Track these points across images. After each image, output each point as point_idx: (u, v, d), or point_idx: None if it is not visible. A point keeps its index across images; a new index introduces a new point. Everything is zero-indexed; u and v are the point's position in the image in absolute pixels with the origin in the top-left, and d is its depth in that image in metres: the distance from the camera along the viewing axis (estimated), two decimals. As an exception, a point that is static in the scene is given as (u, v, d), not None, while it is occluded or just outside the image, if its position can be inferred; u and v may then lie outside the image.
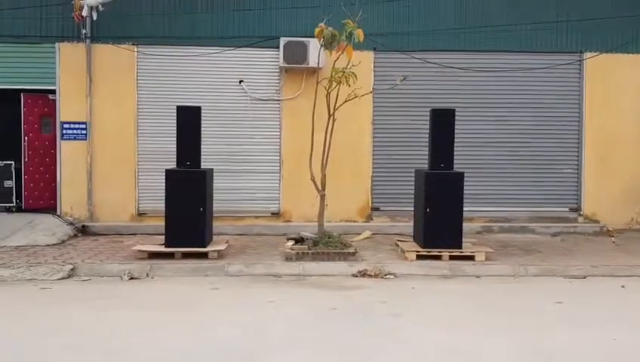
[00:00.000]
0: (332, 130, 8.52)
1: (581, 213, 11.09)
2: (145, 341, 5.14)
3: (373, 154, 10.96)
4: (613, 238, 10.25)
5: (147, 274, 7.67)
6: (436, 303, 6.50)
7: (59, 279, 7.47)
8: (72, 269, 7.72)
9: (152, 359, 4.75)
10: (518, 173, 11.15)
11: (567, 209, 11.18)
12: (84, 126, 10.63)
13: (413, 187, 9.31)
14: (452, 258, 8.25)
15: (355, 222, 10.85)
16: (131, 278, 7.52)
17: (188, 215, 8.26)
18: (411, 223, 9.41)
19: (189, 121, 8.47)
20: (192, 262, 8.00)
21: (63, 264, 7.84)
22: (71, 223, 10.32)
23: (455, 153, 8.86)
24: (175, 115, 8.53)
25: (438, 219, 8.40)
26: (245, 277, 7.63)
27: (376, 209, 11.02)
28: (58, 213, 10.65)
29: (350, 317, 5.87)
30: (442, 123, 8.58)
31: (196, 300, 6.54)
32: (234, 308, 6.26)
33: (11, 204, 11.05)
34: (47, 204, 10.99)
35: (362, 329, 5.49)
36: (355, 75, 8.11)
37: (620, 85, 11.01)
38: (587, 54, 10.96)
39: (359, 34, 7.80)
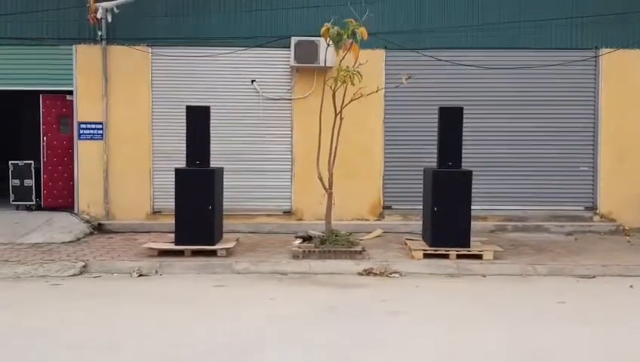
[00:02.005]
0: (339, 128, 8.57)
1: (597, 211, 10.92)
2: (141, 335, 5.26)
3: (385, 153, 10.95)
4: (628, 238, 10.08)
5: (156, 272, 7.83)
6: (437, 302, 6.50)
7: (70, 276, 7.66)
8: (83, 266, 7.91)
9: (144, 354, 4.86)
10: (533, 172, 11.02)
11: (582, 208, 11.02)
12: (100, 126, 10.86)
13: (423, 185, 9.31)
14: (459, 257, 8.22)
15: (366, 220, 10.87)
16: (140, 275, 7.68)
17: (197, 213, 8.39)
18: (422, 222, 9.40)
19: (198, 120, 8.60)
20: (201, 260, 8.13)
21: (75, 261, 8.04)
22: (87, 221, 10.57)
23: (468, 151, 8.83)
24: (189, 114, 8.69)
25: (446, 217, 8.38)
26: (251, 275, 7.72)
27: (388, 207, 11.02)
28: (75, 211, 10.90)
29: (348, 316, 5.91)
30: (450, 121, 8.54)
31: (199, 297, 6.66)
32: (235, 305, 6.36)
33: (31, 203, 11.34)
34: (65, 203, 11.25)
35: (359, 327, 5.52)
36: (360, 74, 8.14)
37: (638, 81, 10.80)
38: (603, 50, 10.77)
39: (362, 32, 7.82)
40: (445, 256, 8.25)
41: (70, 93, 10.98)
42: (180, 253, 8.36)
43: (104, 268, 7.94)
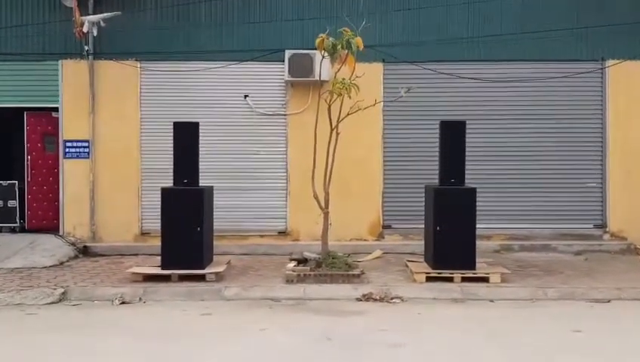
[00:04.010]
0: (335, 144, 8.12)
1: (607, 229, 10.41)
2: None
3: (384, 169, 10.49)
4: (641, 257, 9.59)
5: (140, 299, 7.30)
6: (441, 331, 5.97)
7: (48, 303, 7.14)
8: (63, 293, 7.40)
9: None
10: (539, 188, 10.53)
11: (591, 225, 10.52)
12: (86, 144, 10.41)
13: (424, 204, 8.83)
14: (464, 280, 7.71)
15: (365, 240, 10.37)
16: (122, 303, 7.16)
17: (185, 235, 7.91)
18: (424, 242, 8.91)
19: (186, 137, 8.17)
20: (189, 285, 7.62)
21: (54, 288, 7.52)
22: (72, 244, 10.06)
23: (471, 167, 8.43)
24: (179, 131, 8.24)
25: (450, 237, 7.89)
26: (242, 302, 7.20)
27: (388, 227, 10.52)
28: (61, 233, 10.41)
29: (345, 348, 5.39)
30: (452, 136, 8.10)
31: (182, 328, 6.12)
32: (221, 336, 5.82)
33: (15, 224, 10.86)
34: (50, 224, 10.76)
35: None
36: (357, 87, 7.70)
37: (646, 93, 10.38)
38: (609, 62, 10.33)
39: (357, 42, 7.40)
40: (449, 279, 7.74)
41: (56, 110, 10.55)
42: (166, 278, 7.84)
43: (85, 295, 7.42)
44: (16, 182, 10.91)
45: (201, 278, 7.84)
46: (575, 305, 7.07)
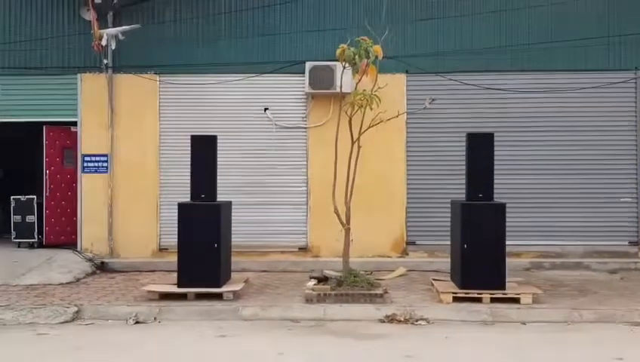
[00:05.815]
0: (357, 157, 7.82)
1: (643, 247, 9.95)
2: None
3: (408, 184, 10.16)
4: (681, 276, 9.07)
5: (155, 318, 7.05)
6: (471, 357, 5.60)
7: (61, 323, 6.94)
8: (76, 312, 7.18)
9: None
10: (571, 204, 10.10)
11: (626, 242, 10.03)
12: (105, 158, 10.28)
13: (450, 220, 8.46)
14: (494, 300, 7.31)
15: (388, 257, 10.02)
16: (137, 322, 6.92)
17: (202, 252, 7.65)
18: (450, 259, 8.53)
19: (204, 151, 7.94)
20: (205, 304, 7.34)
21: (67, 306, 7.30)
22: (90, 260, 9.89)
23: (499, 181, 8.05)
24: (198, 145, 8.04)
25: (478, 255, 7.51)
26: (259, 322, 6.90)
27: (412, 243, 10.16)
28: (79, 248, 10.26)
29: (368, 375, 5.07)
30: (480, 148, 7.74)
31: (193, 352, 5.81)
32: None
33: (33, 240, 10.75)
34: (68, 240, 10.64)
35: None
36: (379, 98, 7.41)
37: (683, 104, 9.91)
38: (643, 71, 9.94)
39: (377, 50, 7.11)
40: (478, 300, 7.35)
41: (75, 124, 10.45)
42: (182, 296, 7.59)
43: (98, 314, 7.20)
44: (35, 196, 10.81)
45: (218, 297, 7.56)
46: (613, 328, 6.63)
